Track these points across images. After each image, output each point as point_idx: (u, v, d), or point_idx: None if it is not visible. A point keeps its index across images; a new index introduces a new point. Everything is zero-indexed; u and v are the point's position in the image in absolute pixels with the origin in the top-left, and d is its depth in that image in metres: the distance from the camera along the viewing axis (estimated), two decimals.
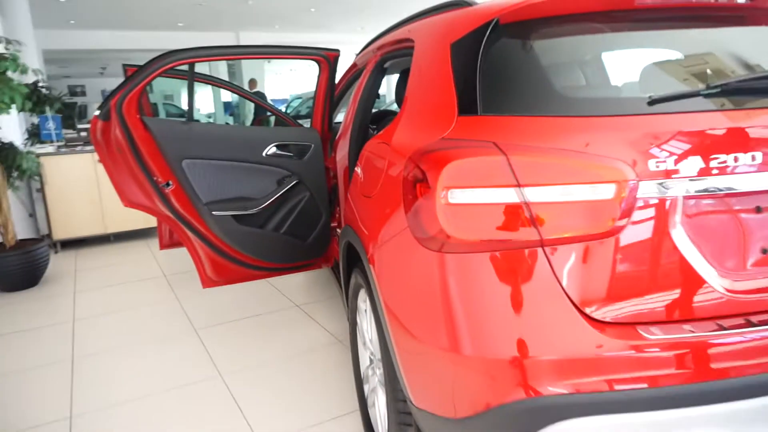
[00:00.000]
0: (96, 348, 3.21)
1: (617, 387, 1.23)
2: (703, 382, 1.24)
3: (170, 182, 2.56)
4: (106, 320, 3.66)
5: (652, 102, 1.35)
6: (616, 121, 1.34)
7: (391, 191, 1.66)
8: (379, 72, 2.45)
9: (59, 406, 2.56)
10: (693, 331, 1.26)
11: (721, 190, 1.29)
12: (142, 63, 2.46)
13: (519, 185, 1.29)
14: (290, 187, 2.80)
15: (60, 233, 5.45)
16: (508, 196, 1.29)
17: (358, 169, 2.15)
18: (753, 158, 1.29)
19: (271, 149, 2.71)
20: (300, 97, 14.32)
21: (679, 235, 1.29)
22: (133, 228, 5.79)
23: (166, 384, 2.71)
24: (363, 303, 2.09)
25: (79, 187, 5.41)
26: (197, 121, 2.71)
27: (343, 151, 2.53)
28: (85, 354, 3.13)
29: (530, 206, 1.28)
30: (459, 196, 1.33)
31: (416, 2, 4.10)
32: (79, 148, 5.68)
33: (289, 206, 2.83)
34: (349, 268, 2.26)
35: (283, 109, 12.45)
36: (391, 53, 2.30)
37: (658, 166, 1.27)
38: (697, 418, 1.24)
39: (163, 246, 3.60)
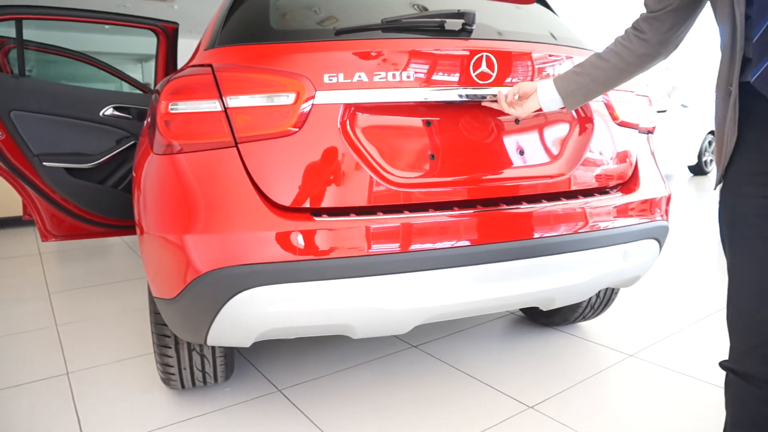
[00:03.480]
0: None
1: (291, 259, 1.49)
2: (362, 257, 1.52)
3: (0, 133, 2.69)
4: None
5: (338, 32, 1.66)
6: (308, 46, 1.64)
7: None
8: None
9: None
10: (355, 217, 1.55)
11: (383, 101, 1.60)
12: None
13: (221, 96, 1.55)
14: (129, 147, 2.98)
15: None
16: (212, 105, 1.56)
17: None
18: (409, 77, 1.61)
19: (109, 110, 2.90)
20: None
21: (349, 137, 1.59)
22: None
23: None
24: None
25: None
26: (29, 77, 2.86)
27: None
28: None
29: (228, 112, 1.55)
30: (176, 107, 1.58)
31: None
32: None
33: (129, 165, 3.01)
34: None
35: None
36: None
37: (331, 80, 1.57)
38: (352, 287, 1.52)
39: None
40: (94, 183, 2.93)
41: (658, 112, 8.00)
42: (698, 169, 9.07)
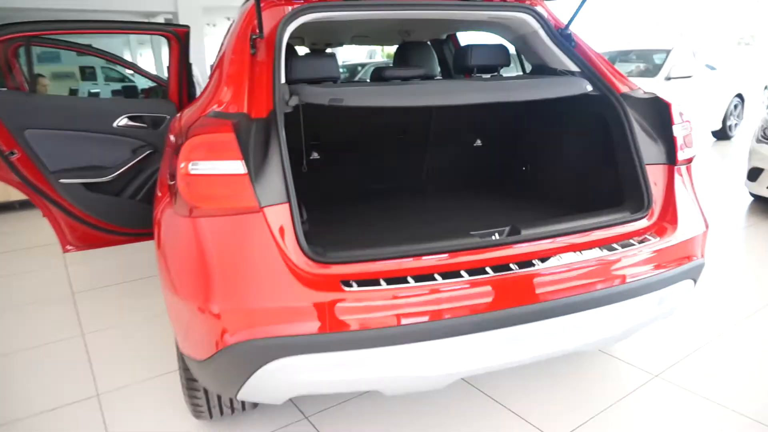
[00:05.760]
0: None
1: (321, 331, 1.47)
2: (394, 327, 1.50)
3: (15, 151, 2.65)
4: None
5: None
6: None
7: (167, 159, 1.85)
8: None
9: None
10: (385, 286, 1.52)
11: None
12: None
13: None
14: (146, 157, 2.93)
15: None
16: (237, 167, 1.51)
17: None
18: None
19: (123, 120, 2.83)
20: None
21: None
22: None
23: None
24: None
25: None
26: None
27: None
28: None
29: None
30: (197, 168, 1.52)
31: None
32: None
33: (146, 175, 2.97)
34: None
35: None
36: None
37: None
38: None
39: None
40: (111, 195, 2.91)
41: (683, 77, 7.70)
42: (722, 134, 8.80)
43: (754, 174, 4.81)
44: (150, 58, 18.46)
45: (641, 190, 1.90)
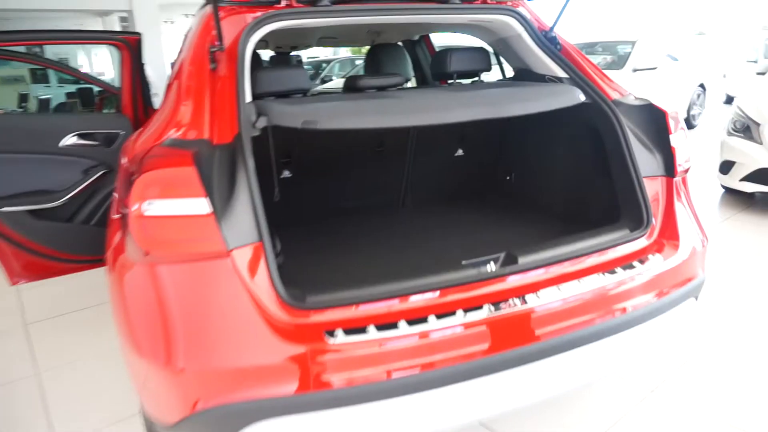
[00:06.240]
0: None
1: (302, 391, 1.30)
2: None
3: None
4: None
5: None
6: None
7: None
8: None
9: None
10: (375, 333, 1.35)
11: None
12: None
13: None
14: (99, 178, 2.68)
15: None
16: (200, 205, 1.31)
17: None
18: None
19: (70, 139, 2.57)
20: None
21: None
22: None
23: None
24: None
25: None
26: None
27: None
28: None
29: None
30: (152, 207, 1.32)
31: None
32: None
33: (100, 197, 2.72)
34: None
35: None
36: None
37: None
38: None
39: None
40: (62, 221, 2.65)
41: (649, 69, 7.74)
42: (686, 124, 8.88)
43: (725, 167, 4.82)
44: (109, 57, 17.76)
45: (640, 205, 1.78)
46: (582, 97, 1.86)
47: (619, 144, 1.84)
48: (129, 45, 2.60)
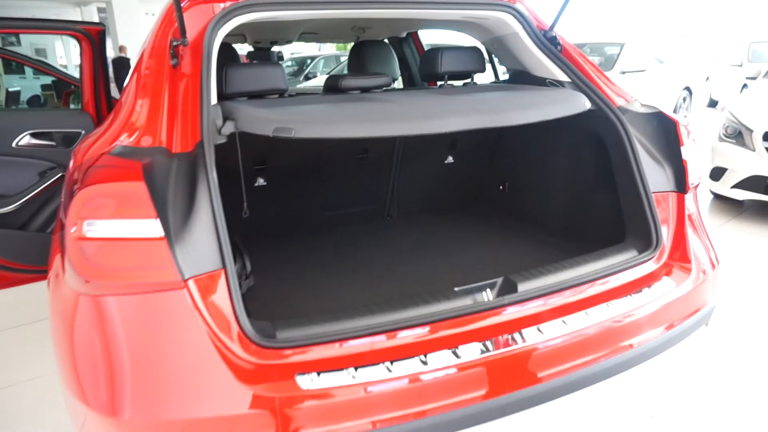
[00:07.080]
0: None
1: None
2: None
3: None
4: None
5: None
6: None
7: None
8: None
9: None
10: (354, 375, 1.17)
11: None
12: None
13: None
14: (57, 181, 2.45)
15: None
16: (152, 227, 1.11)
17: None
18: None
19: (24, 138, 2.34)
20: None
21: None
22: None
23: None
24: None
25: None
26: None
27: None
28: None
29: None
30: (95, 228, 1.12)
31: None
32: None
33: (58, 202, 2.49)
34: None
35: None
36: None
37: None
38: None
39: None
40: (15, 228, 2.41)
41: (637, 71, 7.65)
42: None
43: (717, 173, 4.72)
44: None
45: (648, 224, 1.62)
46: (588, 105, 1.69)
47: (626, 155, 1.68)
48: (89, 36, 2.37)
